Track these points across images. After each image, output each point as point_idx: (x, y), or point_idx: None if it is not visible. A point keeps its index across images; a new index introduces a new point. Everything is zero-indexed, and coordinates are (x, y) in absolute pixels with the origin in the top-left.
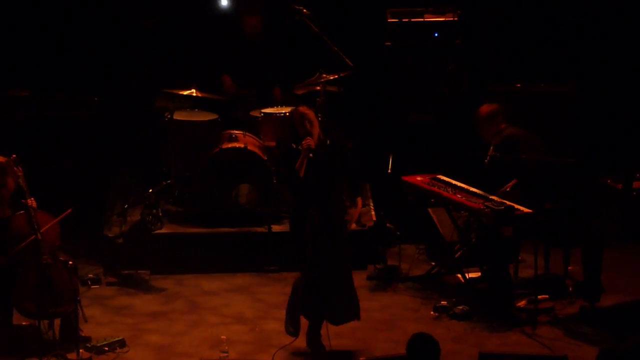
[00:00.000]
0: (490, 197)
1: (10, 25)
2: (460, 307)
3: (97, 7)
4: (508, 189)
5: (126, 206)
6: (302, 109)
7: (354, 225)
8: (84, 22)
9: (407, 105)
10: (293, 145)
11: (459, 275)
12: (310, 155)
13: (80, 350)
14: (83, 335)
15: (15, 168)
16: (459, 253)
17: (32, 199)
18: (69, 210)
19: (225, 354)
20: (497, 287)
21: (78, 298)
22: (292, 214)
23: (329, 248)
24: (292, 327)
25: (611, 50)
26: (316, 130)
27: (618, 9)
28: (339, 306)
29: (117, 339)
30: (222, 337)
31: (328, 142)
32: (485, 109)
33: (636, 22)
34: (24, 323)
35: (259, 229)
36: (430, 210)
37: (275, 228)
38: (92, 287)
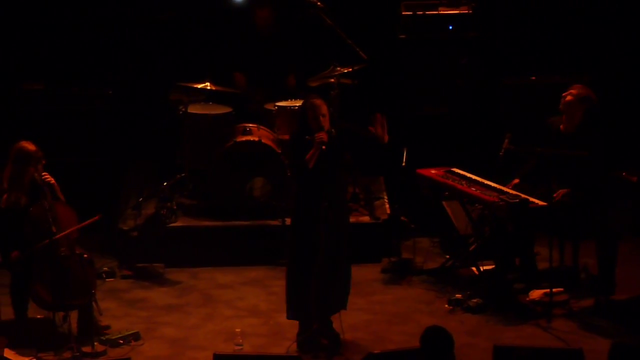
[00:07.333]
0: (505, 190)
1: (25, 19)
2: (475, 300)
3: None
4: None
5: (141, 199)
6: (315, 100)
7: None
8: (98, 15)
9: (421, 98)
10: (307, 137)
11: (474, 268)
12: (323, 147)
13: (95, 343)
14: (102, 324)
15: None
16: (473, 246)
17: (47, 174)
18: (97, 217)
19: (240, 347)
20: (505, 279)
21: (93, 291)
22: (296, 206)
23: (334, 239)
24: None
25: (626, 41)
26: (327, 123)
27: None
28: (334, 297)
29: (131, 332)
30: (237, 330)
31: (333, 132)
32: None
33: None
34: (38, 316)
35: (273, 222)
36: (444, 203)
37: (290, 221)
38: (107, 280)
